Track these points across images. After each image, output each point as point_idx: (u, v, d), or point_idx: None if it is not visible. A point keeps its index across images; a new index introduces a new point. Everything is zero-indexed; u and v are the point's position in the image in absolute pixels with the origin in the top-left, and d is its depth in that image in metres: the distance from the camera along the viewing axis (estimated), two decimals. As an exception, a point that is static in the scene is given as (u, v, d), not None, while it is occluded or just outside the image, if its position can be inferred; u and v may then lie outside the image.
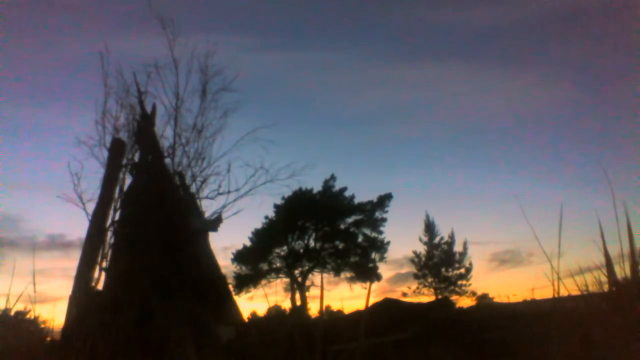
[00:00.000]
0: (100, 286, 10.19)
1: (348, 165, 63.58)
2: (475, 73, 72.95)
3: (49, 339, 8.05)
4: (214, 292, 10.71)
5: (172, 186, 11.68)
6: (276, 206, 33.44)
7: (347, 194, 34.23)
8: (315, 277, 34.05)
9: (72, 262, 10.42)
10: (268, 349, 8.36)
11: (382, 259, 34.39)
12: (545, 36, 66.43)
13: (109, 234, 10.73)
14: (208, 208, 12.37)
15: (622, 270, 3.41)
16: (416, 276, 38.65)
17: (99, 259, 10.37)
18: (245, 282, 33.95)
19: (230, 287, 12.75)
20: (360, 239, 34.42)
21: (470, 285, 37.65)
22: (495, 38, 72.38)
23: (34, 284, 4.34)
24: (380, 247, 34.18)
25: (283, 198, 32.36)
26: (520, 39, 70.03)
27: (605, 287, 3.48)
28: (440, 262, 37.84)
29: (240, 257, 34.11)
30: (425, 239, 38.78)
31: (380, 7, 69.62)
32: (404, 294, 38.37)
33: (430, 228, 38.80)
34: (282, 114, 66.54)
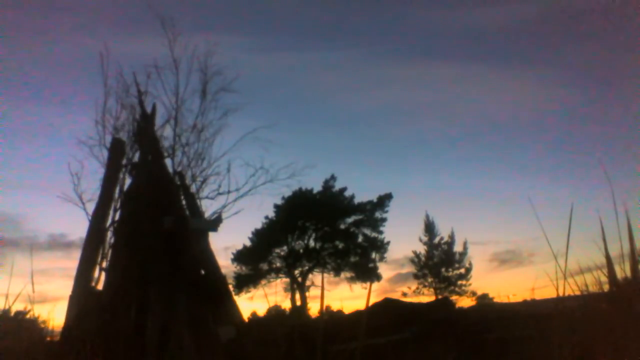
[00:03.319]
0: (100, 286, 10.19)
1: (348, 165, 63.71)
2: (475, 73, 72.94)
3: (48, 339, 8.06)
4: (214, 292, 10.70)
5: (172, 186, 11.67)
6: (276, 206, 33.47)
7: (347, 194, 34.28)
8: (315, 277, 34.09)
9: (72, 262, 10.43)
10: (268, 349, 8.36)
11: (382, 259, 34.44)
12: (547, 36, 66.43)
13: (109, 234, 10.73)
14: (208, 208, 12.36)
15: (622, 270, 3.41)
16: (416, 276, 38.68)
17: (99, 259, 10.37)
18: (245, 282, 33.95)
19: (230, 287, 12.73)
20: (360, 239, 34.45)
21: (470, 285, 37.69)
22: (497, 38, 72.40)
23: (32, 284, 4.34)
24: (380, 247, 34.20)
25: (283, 198, 32.39)
26: (522, 39, 70.06)
27: (605, 287, 3.48)
28: (440, 262, 37.85)
29: (240, 257, 34.11)
30: (425, 239, 38.81)
31: (381, 7, 69.63)
32: (404, 294, 38.41)
33: (430, 228, 38.81)
34: (282, 114, 66.56)
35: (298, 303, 32.41)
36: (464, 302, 36.05)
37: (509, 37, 70.79)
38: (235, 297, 14.37)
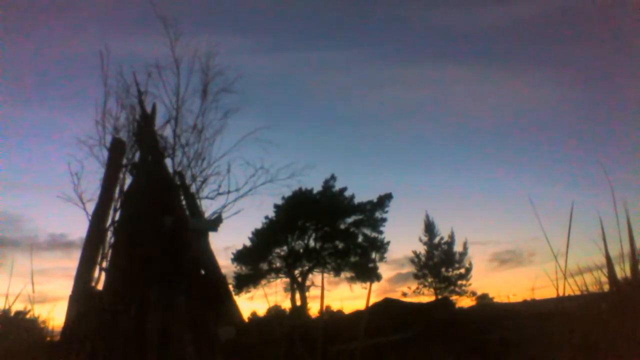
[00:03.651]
0: (100, 286, 10.19)
1: (348, 165, 63.65)
2: (475, 73, 72.97)
3: (48, 339, 8.05)
4: (214, 292, 10.71)
5: (172, 186, 11.67)
6: (276, 206, 33.44)
7: (347, 194, 34.24)
8: (315, 277, 34.06)
9: (72, 262, 10.44)
10: (268, 349, 8.36)
11: (382, 259, 34.40)
12: (547, 36, 66.47)
13: (109, 234, 10.73)
14: (208, 208, 12.39)
15: (622, 270, 3.41)
16: (416, 276, 38.65)
17: (99, 259, 10.37)
18: (245, 282, 33.93)
19: (230, 287, 12.73)
20: (360, 239, 34.42)
21: (470, 285, 37.65)
22: (497, 38, 72.45)
23: (32, 284, 4.34)
24: (380, 247, 34.17)
25: (283, 198, 32.38)
26: (522, 39, 70.09)
27: (605, 287, 3.48)
28: (440, 262, 37.82)
29: (240, 257, 34.10)
30: (425, 239, 38.77)
31: (381, 7, 69.66)
32: (404, 294, 38.36)
33: (430, 228, 38.78)
34: (282, 114, 66.62)
35: (298, 303, 32.41)
36: (464, 302, 36.05)
37: (508, 37, 70.82)
38: (235, 297, 14.39)
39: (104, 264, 10.38)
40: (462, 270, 37.68)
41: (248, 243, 34.21)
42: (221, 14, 66.89)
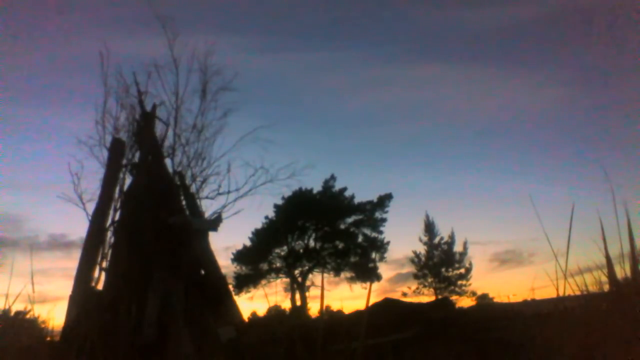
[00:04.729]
0: (100, 286, 10.19)
1: (348, 165, 63.74)
2: (475, 73, 73.00)
3: (48, 338, 8.05)
4: (214, 292, 10.70)
5: (172, 186, 11.67)
6: (276, 206, 33.49)
7: (347, 194, 34.29)
8: (315, 277, 34.10)
9: (72, 262, 10.43)
10: (268, 349, 8.36)
11: (382, 259, 34.44)
12: (547, 36, 66.48)
13: (109, 234, 10.73)
14: (208, 208, 12.36)
15: (622, 270, 3.41)
16: (416, 276, 38.69)
17: (99, 259, 10.37)
18: (245, 282, 33.96)
19: (230, 287, 12.72)
20: (360, 239, 34.46)
21: (470, 285, 37.69)
22: (497, 38, 72.46)
23: (32, 284, 4.35)
24: (380, 247, 34.20)
25: (283, 198, 32.42)
26: (522, 40, 70.10)
27: (605, 287, 3.48)
28: (440, 262, 37.85)
29: (240, 257, 34.11)
30: (425, 239, 38.82)
31: (381, 7, 69.69)
32: (404, 294, 38.41)
33: (430, 228, 38.82)
34: (282, 113, 66.67)
35: (298, 303, 32.44)
36: (464, 302, 36.11)
37: (508, 37, 70.84)
38: (235, 297, 14.35)
39: (104, 264, 10.38)
40: (462, 270, 37.72)
41: (248, 243, 34.28)
42: (220, 13, 66.95)
